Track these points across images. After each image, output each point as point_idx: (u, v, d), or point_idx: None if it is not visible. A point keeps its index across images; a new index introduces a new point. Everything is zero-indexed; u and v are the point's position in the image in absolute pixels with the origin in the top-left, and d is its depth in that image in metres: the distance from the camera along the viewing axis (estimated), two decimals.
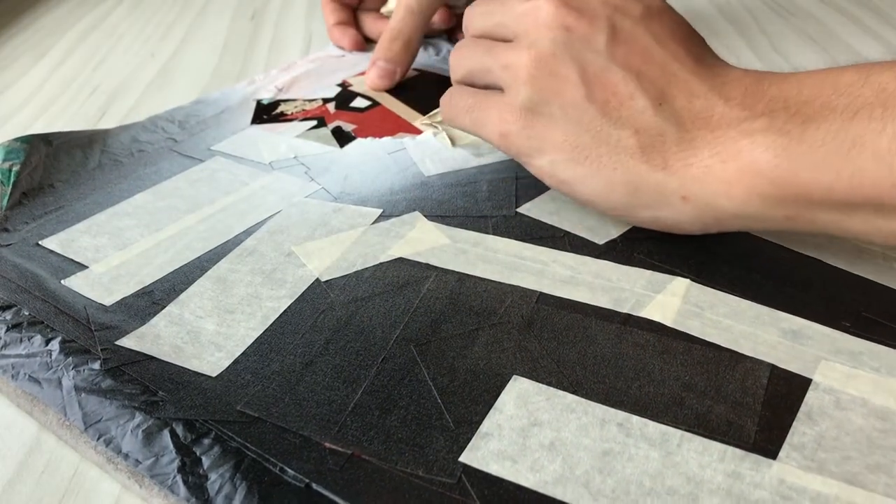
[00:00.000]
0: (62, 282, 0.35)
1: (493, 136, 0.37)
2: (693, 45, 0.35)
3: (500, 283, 0.34)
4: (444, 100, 0.41)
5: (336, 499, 0.25)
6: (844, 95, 0.29)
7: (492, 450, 0.27)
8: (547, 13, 0.35)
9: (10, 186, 0.41)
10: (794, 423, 0.27)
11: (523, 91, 0.35)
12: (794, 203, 0.30)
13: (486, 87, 0.38)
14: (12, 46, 0.67)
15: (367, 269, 0.36)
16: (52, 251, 0.37)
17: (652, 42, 0.34)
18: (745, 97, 0.32)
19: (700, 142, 0.32)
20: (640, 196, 0.34)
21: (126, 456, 0.27)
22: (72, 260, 0.37)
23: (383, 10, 0.61)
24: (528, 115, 0.35)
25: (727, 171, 0.31)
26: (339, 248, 0.37)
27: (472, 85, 0.39)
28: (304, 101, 0.52)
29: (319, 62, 0.59)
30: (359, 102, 0.52)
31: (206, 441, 0.27)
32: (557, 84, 0.34)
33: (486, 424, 0.28)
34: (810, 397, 0.28)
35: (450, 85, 0.41)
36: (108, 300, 0.34)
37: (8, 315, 0.33)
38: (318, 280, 0.35)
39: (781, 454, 0.26)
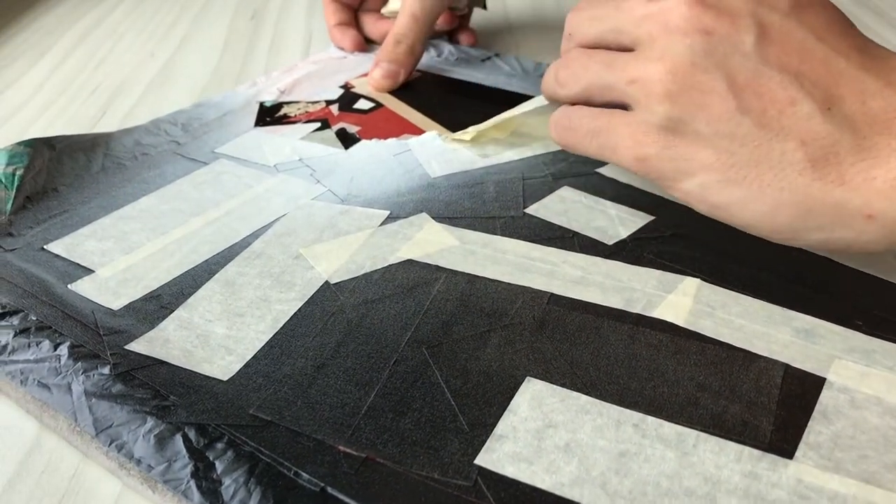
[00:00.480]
0: (69, 286, 0.35)
1: (628, 161, 0.33)
2: (854, 35, 0.30)
3: (510, 284, 0.34)
4: (558, 121, 0.36)
5: (351, 503, 0.25)
6: None
7: (507, 452, 0.27)
8: (679, 15, 0.30)
9: (14, 191, 0.41)
10: (810, 423, 0.27)
11: (660, 109, 0.31)
12: None
13: (606, 106, 0.34)
14: (12, 46, 0.67)
15: (375, 271, 0.35)
16: (57, 255, 0.37)
17: (808, 36, 0.29)
18: None
19: (882, 149, 0.28)
20: (813, 218, 0.29)
21: (138, 461, 0.27)
22: (78, 264, 0.37)
23: (384, 10, 0.61)
24: (668, 135, 0.31)
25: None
26: (348, 251, 0.37)
27: (588, 103, 0.35)
28: (307, 102, 0.52)
29: (321, 64, 0.59)
30: (362, 104, 0.52)
31: (220, 445, 0.27)
32: (701, 97, 0.30)
33: (501, 426, 0.27)
34: (825, 396, 0.28)
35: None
36: (115, 304, 0.34)
37: (15, 320, 0.33)
38: (327, 282, 0.35)
39: (798, 454, 0.26)
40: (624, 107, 0.33)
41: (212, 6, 0.76)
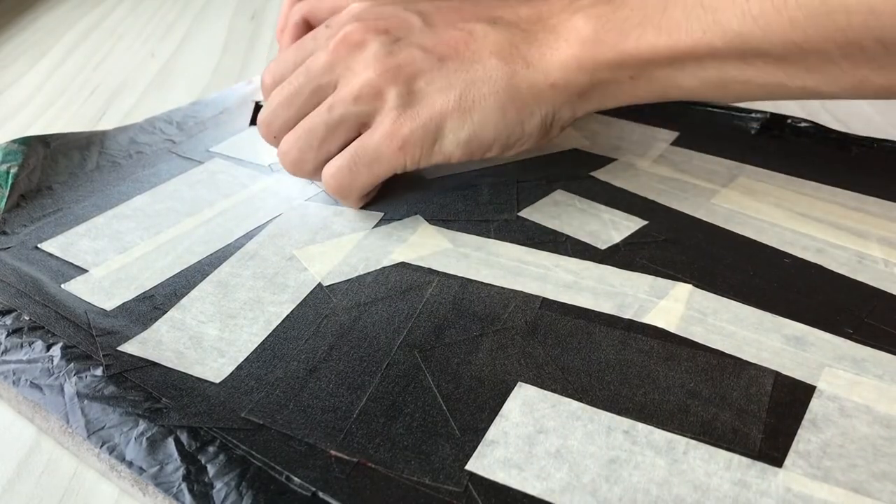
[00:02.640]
0: (62, 286, 0.35)
1: (394, 157, 0.37)
2: None
3: (502, 288, 0.34)
4: (327, 183, 0.39)
5: None
6: None
7: (498, 457, 0.27)
8: (356, 34, 0.37)
9: (8, 189, 0.41)
10: (800, 431, 0.27)
11: (389, 97, 0.36)
12: (633, 64, 0.34)
13: (341, 140, 0.38)
14: (12, 46, 0.66)
15: (369, 273, 0.36)
16: (51, 254, 0.37)
17: (452, 3, 0.38)
18: None
19: (542, 33, 0.36)
20: (524, 104, 0.36)
21: (130, 464, 0.27)
22: (71, 263, 0.37)
23: None
24: (408, 110, 0.36)
25: (572, 47, 0.35)
26: (341, 252, 0.37)
27: (324, 140, 0.38)
28: None
29: None
30: None
31: (211, 449, 0.27)
32: (411, 68, 0.36)
33: (492, 432, 0.28)
34: (815, 405, 0.28)
35: None
36: (108, 305, 0.34)
37: (8, 320, 0.33)
38: (320, 284, 0.35)
39: (787, 462, 0.26)
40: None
41: (212, 6, 0.76)
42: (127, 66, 0.62)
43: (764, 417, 0.28)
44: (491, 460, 0.27)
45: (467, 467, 0.26)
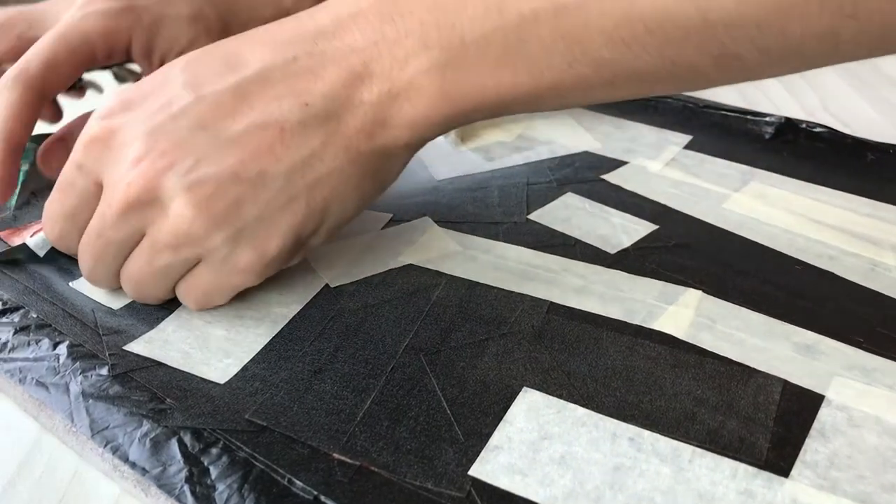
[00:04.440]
0: (70, 284, 0.35)
1: (253, 283, 0.32)
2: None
3: (510, 291, 0.34)
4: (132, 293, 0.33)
5: None
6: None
7: (502, 463, 0.26)
8: (137, 181, 0.30)
9: (20, 186, 0.41)
10: (807, 441, 0.27)
11: (215, 241, 0.30)
12: (490, 106, 0.30)
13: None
14: None
15: (376, 275, 0.35)
16: (60, 252, 0.37)
17: (221, 86, 0.30)
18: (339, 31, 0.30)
19: (372, 100, 0.30)
20: (379, 171, 0.32)
21: (133, 464, 0.27)
22: None
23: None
24: (245, 247, 0.31)
25: (417, 108, 0.30)
26: (349, 254, 0.37)
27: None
28: None
29: None
30: None
31: (214, 451, 0.27)
32: (223, 205, 0.30)
33: (496, 437, 0.27)
34: (823, 414, 0.28)
35: None
36: (116, 304, 0.34)
37: (16, 317, 0.33)
38: (327, 286, 0.35)
39: (794, 472, 0.26)
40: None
41: None
42: None
43: (771, 426, 0.28)
44: (494, 466, 0.26)
45: (470, 472, 0.26)
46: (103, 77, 0.49)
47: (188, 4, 0.41)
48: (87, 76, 0.43)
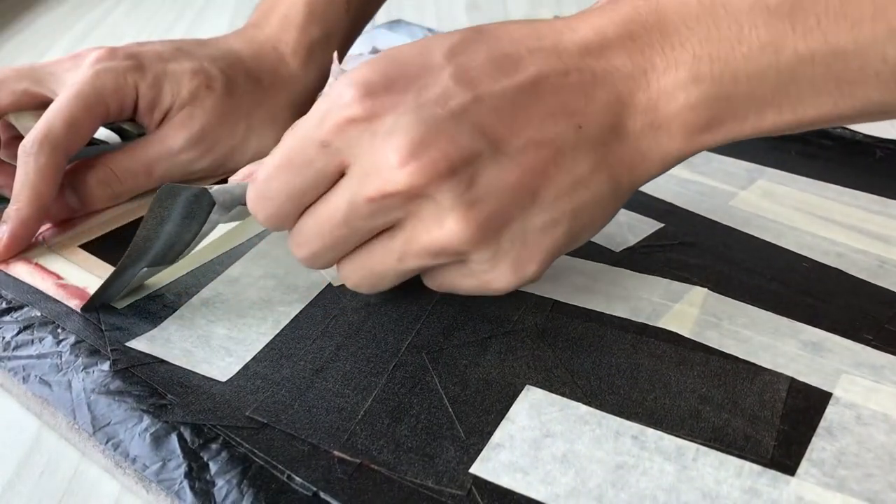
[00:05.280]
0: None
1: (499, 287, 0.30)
2: (526, 31, 0.29)
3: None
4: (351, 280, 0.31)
5: None
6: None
7: (503, 461, 0.26)
8: (413, 176, 0.27)
9: None
10: (814, 439, 0.27)
11: (479, 254, 0.28)
12: (740, 139, 0.29)
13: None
14: (12, 46, 0.67)
15: None
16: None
17: (499, 88, 0.28)
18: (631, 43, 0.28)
19: (634, 119, 0.28)
20: (623, 200, 0.30)
21: (134, 460, 0.27)
22: None
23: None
24: (505, 263, 0.29)
25: (675, 140, 0.28)
26: None
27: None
28: None
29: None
30: None
31: (214, 446, 0.27)
32: (498, 220, 0.28)
33: (498, 435, 0.27)
34: (830, 412, 0.28)
35: None
36: (119, 302, 0.34)
37: (19, 315, 0.33)
38: (330, 285, 0.35)
39: (800, 470, 0.26)
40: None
41: (212, 6, 0.76)
42: None
43: (777, 424, 0.27)
44: (496, 464, 0.26)
45: (471, 470, 0.26)
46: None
47: (189, 60, 0.42)
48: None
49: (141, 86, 0.40)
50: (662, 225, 0.38)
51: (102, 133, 0.46)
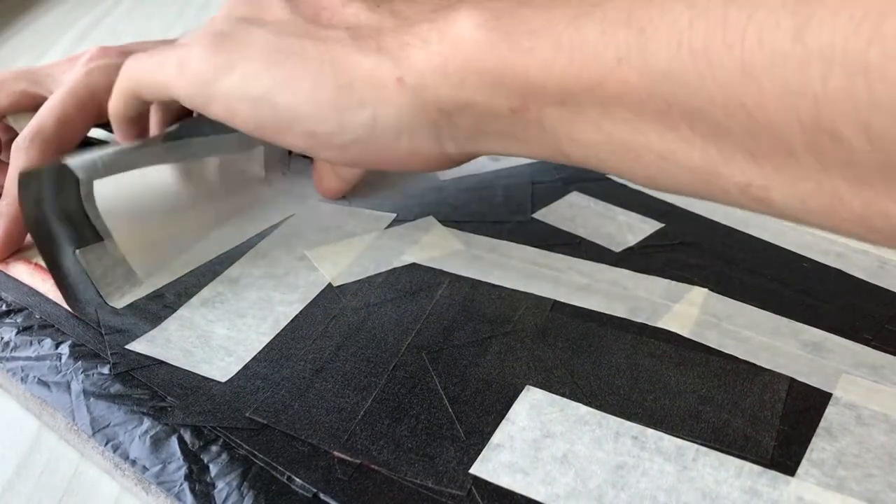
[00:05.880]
0: (77, 252, 0.35)
1: (171, 71, 0.31)
2: None
3: (514, 290, 0.34)
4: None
5: None
6: None
7: (503, 462, 0.26)
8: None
9: None
10: (814, 439, 0.27)
11: (218, 23, 0.31)
12: (516, 90, 0.25)
13: None
14: (12, 46, 0.67)
15: (379, 274, 0.35)
16: None
17: None
18: None
19: (421, 26, 0.27)
20: (353, 91, 0.28)
21: (133, 462, 0.27)
22: None
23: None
24: (217, 39, 0.30)
25: (443, 44, 0.26)
26: (353, 253, 0.37)
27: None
28: None
29: None
30: None
31: (214, 448, 0.27)
32: (257, 8, 0.31)
33: (498, 435, 0.27)
34: (830, 412, 0.28)
35: None
36: (119, 303, 0.34)
37: (19, 318, 0.33)
38: (330, 285, 0.35)
39: (800, 471, 0.26)
40: None
41: (211, 6, 0.76)
42: None
43: (777, 424, 0.27)
44: (496, 464, 0.26)
45: (471, 471, 0.26)
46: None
47: None
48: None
49: None
50: (662, 225, 0.38)
51: (102, 134, 0.46)
